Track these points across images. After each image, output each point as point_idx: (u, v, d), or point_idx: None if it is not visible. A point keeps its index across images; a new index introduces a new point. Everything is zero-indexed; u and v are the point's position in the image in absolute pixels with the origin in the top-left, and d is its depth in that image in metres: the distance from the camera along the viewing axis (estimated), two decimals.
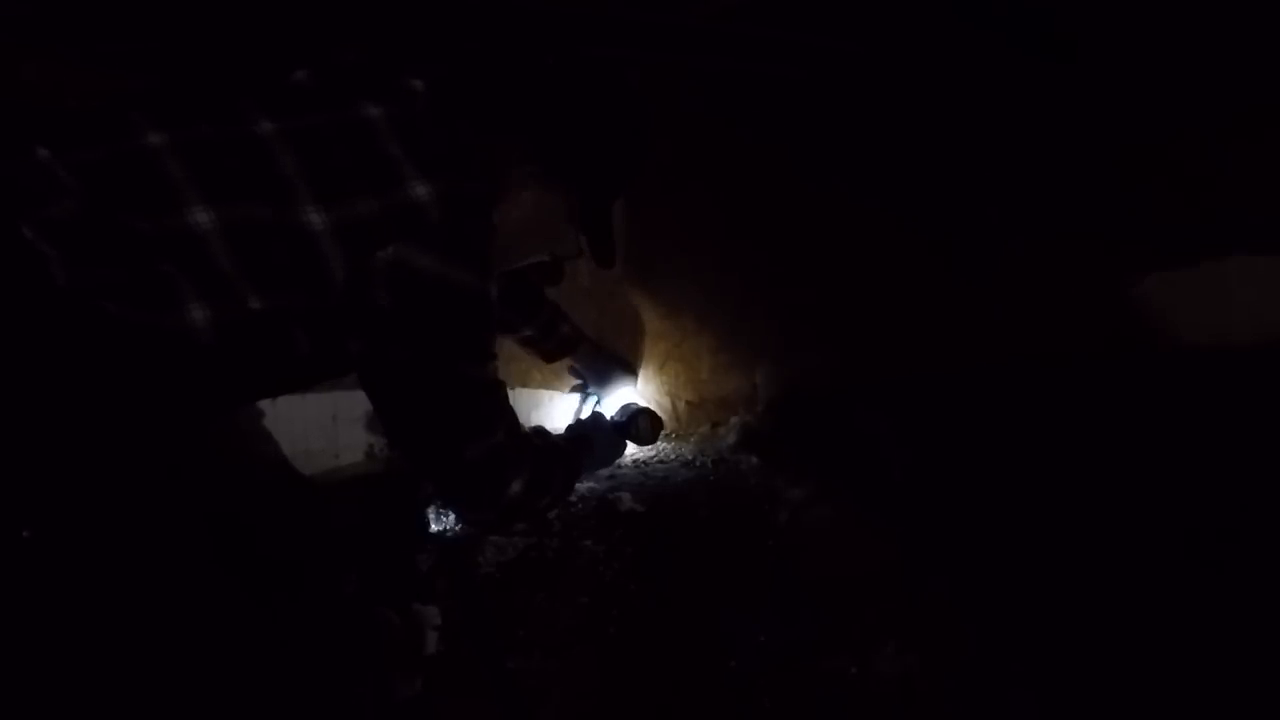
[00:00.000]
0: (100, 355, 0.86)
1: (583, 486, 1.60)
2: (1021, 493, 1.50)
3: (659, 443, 1.77)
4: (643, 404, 1.64)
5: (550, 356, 1.64)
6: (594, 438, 1.46)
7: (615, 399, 1.70)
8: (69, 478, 0.88)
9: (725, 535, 1.45)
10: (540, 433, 1.40)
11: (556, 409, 1.80)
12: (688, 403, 1.84)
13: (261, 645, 1.10)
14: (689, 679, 1.15)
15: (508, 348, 1.72)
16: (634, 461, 1.72)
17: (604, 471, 1.67)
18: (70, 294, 0.83)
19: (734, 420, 1.83)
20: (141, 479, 0.96)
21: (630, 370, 1.72)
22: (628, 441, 1.59)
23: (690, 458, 1.72)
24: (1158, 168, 1.72)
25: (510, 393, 1.74)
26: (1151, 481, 1.51)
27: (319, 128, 0.95)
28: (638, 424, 1.57)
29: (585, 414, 1.72)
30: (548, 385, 1.79)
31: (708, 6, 1.50)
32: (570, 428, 1.52)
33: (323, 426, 1.50)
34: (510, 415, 1.12)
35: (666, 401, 1.83)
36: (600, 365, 1.68)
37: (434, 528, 1.42)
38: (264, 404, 1.45)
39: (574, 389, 1.71)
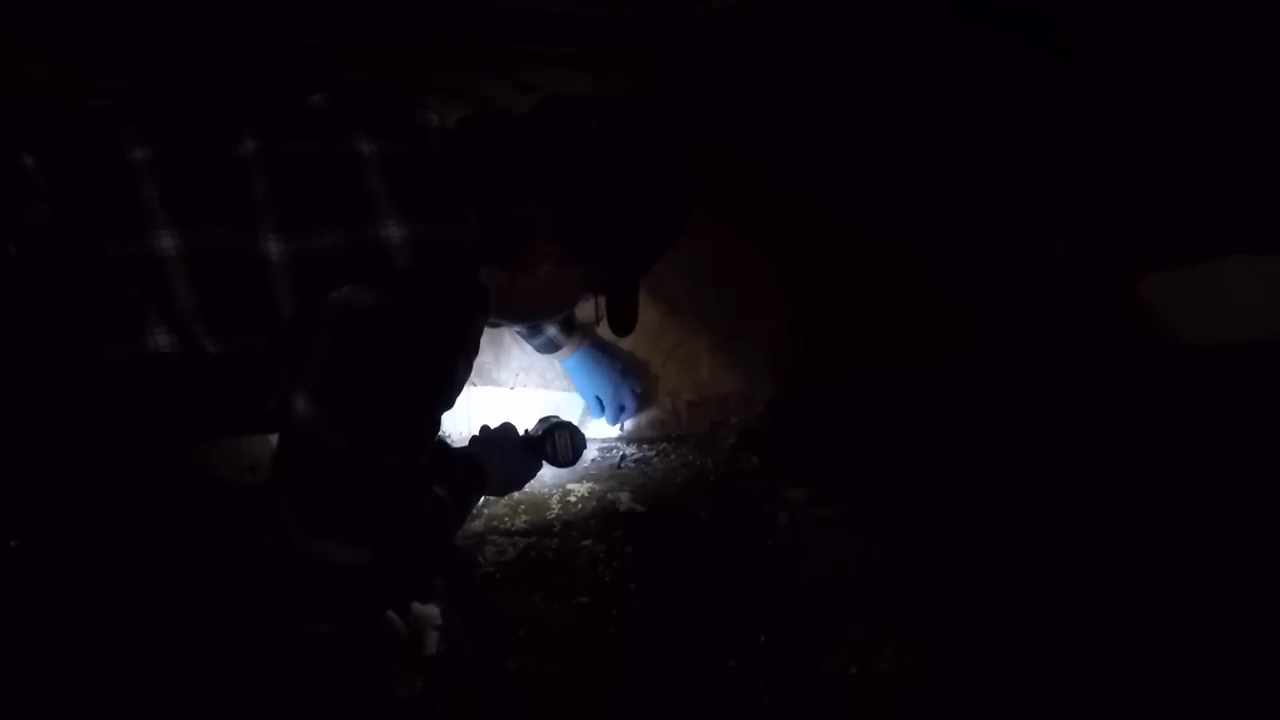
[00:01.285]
0: (72, 376, 0.84)
1: (582, 487, 1.60)
2: (1022, 492, 1.50)
3: (664, 443, 1.77)
4: (565, 418, 1.45)
5: (543, 350, 1.61)
6: (492, 466, 1.22)
7: (609, 398, 1.68)
8: (56, 488, 0.88)
9: (725, 535, 1.45)
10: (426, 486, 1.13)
11: (551, 408, 1.80)
12: (688, 403, 1.84)
13: (260, 645, 1.10)
14: (689, 679, 1.15)
15: (495, 338, 1.72)
16: (634, 461, 1.72)
17: (604, 471, 1.67)
18: (43, 313, 0.82)
19: (734, 420, 1.83)
20: (133, 480, 0.95)
21: (625, 376, 1.69)
22: (544, 462, 1.38)
23: (690, 458, 1.72)
24: (1157, 166, 1.72)
25: (509, 392, 1.75)
26: (1151, 481, 1.51)
27: (302, 154, 0.89)
28: (554, 441, 1.37)
29: (584, 423, 1.68)
30: (546, 385, 1.79)
31: (708, 6, 1.50)
32: (472, 446, 1.27)
33: None
34: (398, 526, 0.95)
35: (667, 401, 1.83)
36: (592, 369, 1.64)
37: None
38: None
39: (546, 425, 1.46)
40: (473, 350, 0.94)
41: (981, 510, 1.45)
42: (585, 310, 1.13)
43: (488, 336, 1.67)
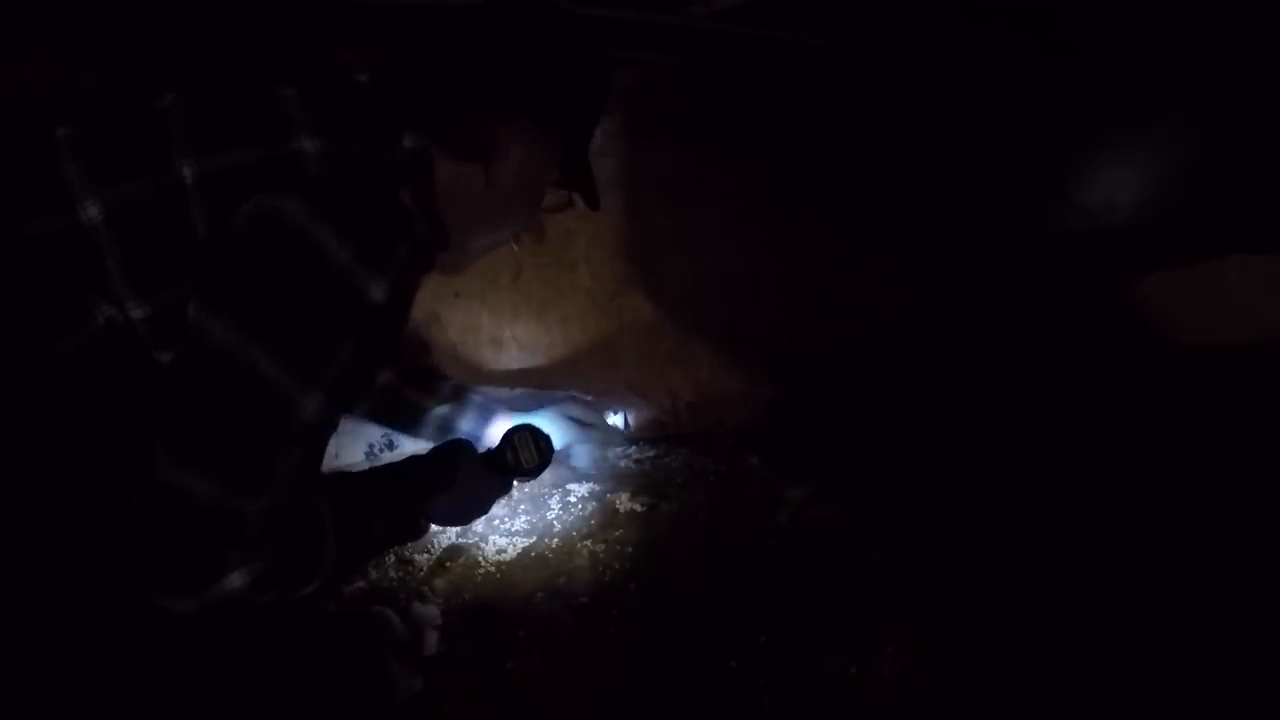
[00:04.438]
0: (33, 381, 0.82)
1: (582, 488, 1.60)
2: (1022, 492, 1.50)
3: (664, 443, 1.77)
4: (523, 419, 1.29)
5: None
6: (437, 486, 1.09)
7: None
8: (28, 497, 0.86)
9: (725, 535, 1.45)
10: (346, 485, 1.03)
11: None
12: (688, 403, 1.84)
13: (259, 644, 1.10)
14: (689, 679, 1.15)
15: (495, 338, 1.71)
16: (634, 460, 1.72)
17: (604, 471, 1.66)
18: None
19: (734, 420, 1.83)
20: (110, 485, 0.94)
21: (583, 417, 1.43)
22: (512, 479, 1.21)
23: (690, 458, 1.72)
24: (1157, 165, 1.72)
25: (509, 393, 1.74)
26: (1151, 480, 1.51)
27: (222, 97, 0.88)
28: (514, 448, 1.19)
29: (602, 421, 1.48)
30: (547, 385, 1.78)
31: (708, 6, 1.50)
32: (416, 465, 1.11)
33: None
34: (300, 480, 0.84)
35: (667, 401, 1.83)
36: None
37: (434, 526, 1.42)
38: None
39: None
40: (390, 275, 0.85)
41: (982, 510, 1.45)
42: (558, 197, 1.12)
43: (482, 334, 1.69)
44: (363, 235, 0.83)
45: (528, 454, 1.20)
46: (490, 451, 1.20)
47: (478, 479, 1.16)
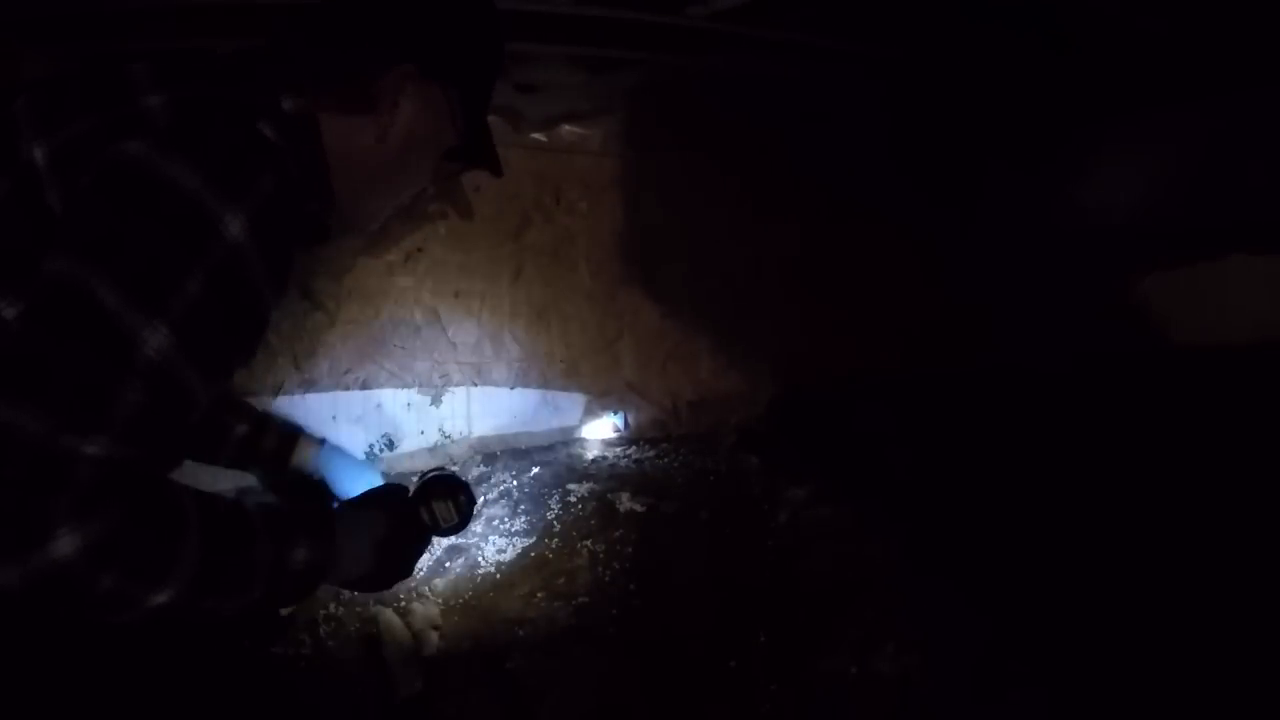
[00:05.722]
0: None
1: (582, 488, 1.59)
2: (1022, 492, 1.50)
3: (664, 443, 1.77)
4: (448, 469, 1.24)
5: (278, 459, 1.31)
6: (348, 541, 0.96)
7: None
8: None
9: (725, 535, 1.45)
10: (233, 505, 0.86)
11: (554, 412, 1.78)
12: (688, 403, 1.84)
13: (258, 644, 1.10)
14: (689, 679, 1.15)
15: (495, 337, 1.71)
16: (634, 461, 1.72)
17: (604, 471, 1.66)
18: None
19: (734, 420, 1.83)
20: None
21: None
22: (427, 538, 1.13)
23: (690, 458, 1.72)
24: (1157, 165, 1.72)
25: (509, 392, 1.74)
26: (1151, 480, 1.51)
27: (70, 80, 0.85)
28: (430, 508, 1.10)
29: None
30: (546, 384, 1.78)
31: (708, 6, 1.50)
32: (324, 511, 0.99)
33: (323, 426, 1.50)
34: (144, 433, 0.73)
35: (667, 401, 1.83)
36: (342, 462, 1.36)
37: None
38: (263, 403, 1.46)
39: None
40: (249, 209, 0.78)
41: (982, 510, 1.45)
42: (445, 168, 1.09)
43: (482, 334, 1.69)
44: (216, 164, 0.77)
45: (446, 516, 1.11)
46: (409, 503, 1.11)
47: (404, 545, 1.07)
